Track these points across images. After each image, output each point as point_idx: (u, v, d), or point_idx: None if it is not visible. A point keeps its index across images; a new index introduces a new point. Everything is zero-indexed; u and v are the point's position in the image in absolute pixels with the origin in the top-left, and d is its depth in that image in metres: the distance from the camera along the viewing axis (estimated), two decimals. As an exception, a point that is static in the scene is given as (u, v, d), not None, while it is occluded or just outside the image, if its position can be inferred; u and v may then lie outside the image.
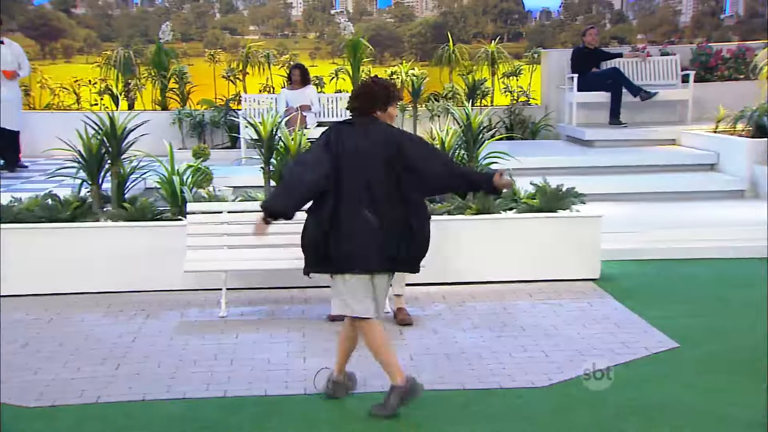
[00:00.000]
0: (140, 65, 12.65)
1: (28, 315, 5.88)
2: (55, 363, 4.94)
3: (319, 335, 5.45)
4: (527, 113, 12.55)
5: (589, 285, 6.58)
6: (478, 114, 7.17)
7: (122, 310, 5.99)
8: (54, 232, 6.36)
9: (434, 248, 6.29)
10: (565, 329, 5.55)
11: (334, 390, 4.40)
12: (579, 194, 6.89)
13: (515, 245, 6.67)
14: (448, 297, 6.33)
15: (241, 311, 5.99)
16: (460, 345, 5.25)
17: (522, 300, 6.24)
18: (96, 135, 6.63)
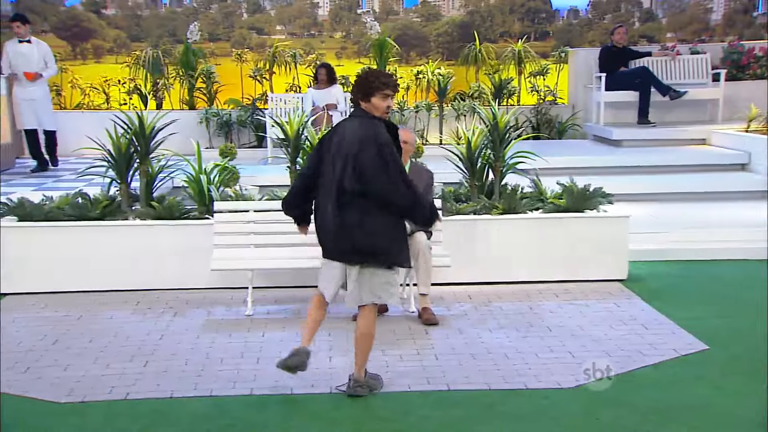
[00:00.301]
0: (168, 65, 12.77)
1: (57, 312, 5.96)
2: (85, 359, 5.01)
3: (344, 334, 5.46)
4: (554, 113, 12.48)
5: (616, 286, 6.53)
6: (504, 113, 7.14)
7: (150, 308, 6.06)
8: (83, 230, 6.44)
9: (460, 248, 6.36)
10: (592, 330, 5.51)
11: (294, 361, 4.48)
12: (606, 194, 6.85)
13: (542, 245, 6.63)
14: (473, 297, 6.31)
15: (267, 310, 6.02)
16: (485, 345, 5.23)
17: (548, 300, 6.20)
18: (125, 134, 6.70)
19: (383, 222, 4.25)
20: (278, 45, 12.87)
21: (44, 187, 8.75)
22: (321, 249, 4.50)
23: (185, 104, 12.52)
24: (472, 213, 6.68)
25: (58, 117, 12.17)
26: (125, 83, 12.81)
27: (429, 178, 5.95)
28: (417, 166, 6.00)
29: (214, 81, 12.39)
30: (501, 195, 6.93)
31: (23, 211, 6.46)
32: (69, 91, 13.00)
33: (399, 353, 5.08)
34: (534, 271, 6.63)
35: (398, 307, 6.04)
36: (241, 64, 13.06)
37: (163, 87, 12.49)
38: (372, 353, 5.01)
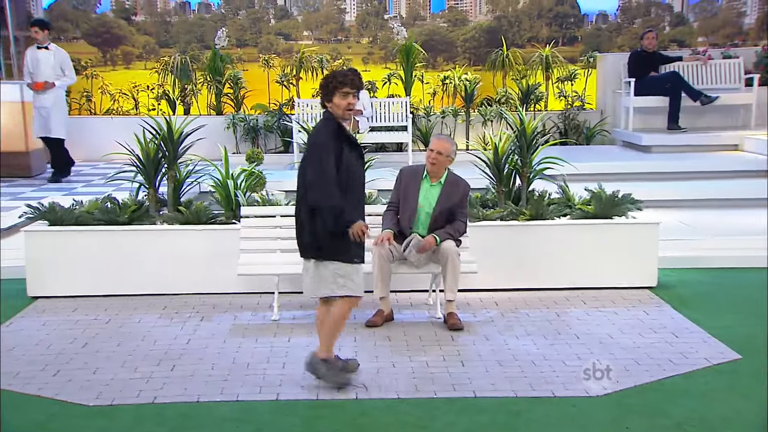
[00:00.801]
0: (196, 71, 12.90)
1: (87, 315, 6.04)
2: (114, 363, 5.06)
3: (370, 339, 5.46)
4: (582, 118, 12.41)
5: (646, 293, 6.47)
6: (531, 119, 7.11)
7: (177, 312, 6.11)
8: (112, 234, 6.52)
9: (486, 254, 6.34)
10: (621, 338, 5.46)
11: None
12: (636, 201, 6.79)
13: (569, 252, 6.59)
14: (500, 303, 6.29)
15: (293, 315, 6.04)
16: (512, 352, 5.21)
17: (576, 307, 6.16)
18: (153, 139, 6.77)
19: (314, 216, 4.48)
20: (305, 50, 12.96)
21: (74, 192, 8.88)
22: None
23: (213, 110, 12.64)
24: (498, 219, 6.66)
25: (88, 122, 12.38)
26: (154, 89, 12.97)
27: (465, 189, 5.91)
28: (454, 177, 5.92)
29: (242, 86, 12.50)
30: (528, 201, 6.90)
31: (54, 215, 6.55)
32: (99, 96, 13.20)
33: (425, 359, 5.07)
34: (562, 278, 6.59)
35: (424, 313, 6.05)
36: (268, 70, 13.16)
37: (190, 92, 12.62)
38: (398, 359, 5.04)
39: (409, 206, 5.84)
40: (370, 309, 5.99)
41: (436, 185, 5.85)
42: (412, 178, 5.89)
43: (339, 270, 4.52)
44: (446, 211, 5.81)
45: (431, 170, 5.83)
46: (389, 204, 6.00)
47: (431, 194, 5.83)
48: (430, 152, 5.81)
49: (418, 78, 12.61)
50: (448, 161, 5.83)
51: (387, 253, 5.69)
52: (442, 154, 5.76)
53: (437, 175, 5.85)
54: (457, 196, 5.83)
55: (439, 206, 5.79)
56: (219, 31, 13.20)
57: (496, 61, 13.00)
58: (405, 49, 12.34)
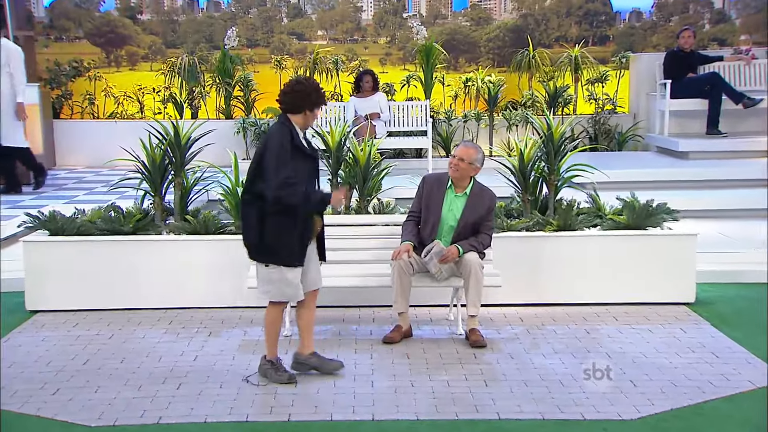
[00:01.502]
0: (205, 72, 13.00)
1: (89, 331, 6.09)
2: (117, 381, 5.10)
3: (387, 357, 5.47)
4: (613, 122, 12.37)
5: (683, 309, 6.43)
6: (559, 123, 7.10)
7: (184, 327, 6.15)
8: (116, 244, 6.57)
9: (511, 267, 6.33)
10: (656, 357, 5.42)
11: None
12: (671, 210, 6.76)
13: (600, 265, 6.56)
14: (526, 319, 6.27)
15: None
16: (538, 371, 5.19)
17: (607, 324, 6.13)
18: (159, 145, 6.82)
19: (256, 219, 4.86)
20: (319, 51, 13.03)
21: (76, 200, 8.97)
22: None
23: (222, 113, 12.73)
24: (524, 230, 6.65)
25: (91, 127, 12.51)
26: (160, 91, 13.08)
27: (491, 200, 5.90)
28: (479, 187, 5.92)
29: (252, 89, 12.57)
30: (556, 211, 6.89)
31: (54, 225, 6.61)
32: (102, 99, 13.33)
33: (446, 378, 5.07)
34: (591, 292, 6.56)
35: (445, 329, 6.05)
36: (280, 71, 13.24)
37: (199, 95, 12.72)
38: (417, 378, 5.04)
39: (431, 217, 5.85)
40: (387, 324, 6.01)
41: (461, 196, 5.85)
42: (436, 187, 5.89)
43: (271, 275, 4.94)
44: (471, 224, 5.80)
45: (454, 178, 5.83)
46: (410, 213, 6.01)
47: (455, 206, 5.83)
48: (452, 158, 5.83)
49: (438, 80, 12.62)
50: (473, 170, 5.82)
51: (406, 265, 5.70)
52: (464, 161, 5.76)
53: (462, 185, 5.85)
54: (482, 208, 5.82)
55: (463, 219, 5.79)
56: (229, 30, 13.28)
57: (521, 62, 12.99)
58: (425, 50, 12.37)
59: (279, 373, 5.05)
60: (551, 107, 12.13)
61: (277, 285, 4.95)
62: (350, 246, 6.28)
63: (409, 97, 12.54)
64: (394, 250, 5.73)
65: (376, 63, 14.16)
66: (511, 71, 13.27)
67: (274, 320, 5.11)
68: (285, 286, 4.95)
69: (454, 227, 5.81)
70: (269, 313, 5.10)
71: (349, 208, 7.00)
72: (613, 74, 13.14)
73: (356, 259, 6.22)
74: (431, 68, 12.34)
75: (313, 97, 4.98)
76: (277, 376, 5.04)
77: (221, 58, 12.62)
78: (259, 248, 4.92)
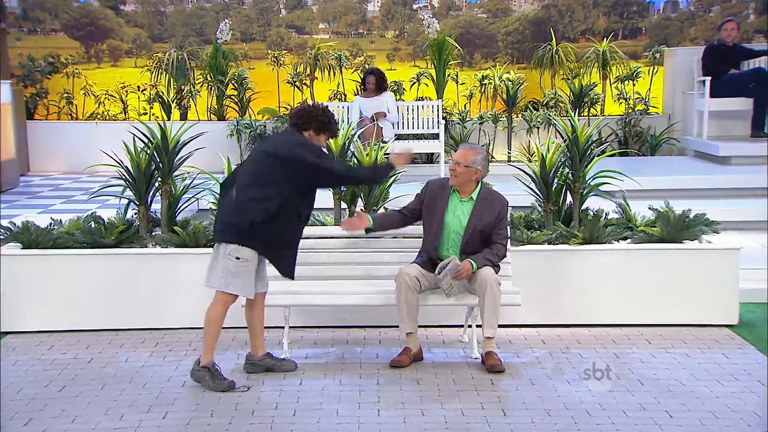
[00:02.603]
0: (195, 69, 13.05)
1: (65, 354, 6.11)
2: (96, 409, 5.11)
3: (395, 383, 5.48)
4: (646, 124, 12.37)
5: (725, 332, 6.43)
6: (585, 125, 7.12)
7: (171, 350, 6.17)
8: (96, 258, 6.60)
9: (532, 283, 6.34)
10: (695, 385, 5.42)
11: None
12: (711, 222, 6.76)
13: (631, 282, 6.57)
14: (548, 341, 6.27)
15: (306, 353, 6.08)
16: (562, 399, 5.19)
17: (639, 348, 6.13)
18: (145, 149, 6.86)
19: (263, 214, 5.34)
20: (321, 46, 13.07)
21: (52, 209, 9.01)
22: None
23: (214, 114, 12.78)
24: (546, 243, 6.66)
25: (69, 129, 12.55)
26: (145, 90, 13.14)
27: (502, 206, 5.92)
28: (487, 192, 5.96)
29: (247, 87, 12.63)
30: (581, 222, 6.89)
31: (28, 237, 6.63)
32: (81, 99, 13.39)
33: (459, 407, 5.08)
34: (621, 312, 6.56)
35: (459, 352, 6.05)
36: (278, 68, 13.28)
37: (188, 94, 12.77)
38: (428, 406, 5.06)
39: (434, 224, 5.87)
40: (395, 347, 6.02)
41: (466, 201, 5.88)
42: (440, 192, 5.93)
43: (237, 266, 5.34)
44: (479, 232, 5.83)
45: (453, 183, 5.87)
46: (402, 208, 6.07)
47: (461, 211, 5.86)
48: (451, 163, 5.89)
49: (452, 78, 12.66)
50: (473, 173, 5.85)
51: (413, 281, 5.72)
52: (460, 164, 5.80)
53: (465, 190, 5.88)
54: (491, 215, 5.84)
55: (471, 226, 5.81)
56: (221, 23, 13.32)
57: (543, 57, 13.02)
58: (437, 45, 12.40)
59: (217, 380, 5.34)
60: (576, 108, 12.14)
61: (242, 279, 5.35)
62: (354, 260, 6.30)
63: (419, 96, 12.56)
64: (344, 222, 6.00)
65: (383, 59, 14.21)
66: (531, 68, 13.30)
67: (219, 318, 5.44)
68: (247, 281, 5.37)
69: (461, 235, 5.83)
70: (216, 309, 5.44)
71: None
72: (645, 71, 13.14)
73: (361, 274, 6.23)
74: (444, 65, 12.37)
75: (320, 119, 5.50)
76: (215, 384, 5.32)
77: (213, 53, 12.67)
78: (251, 230, 5.26)
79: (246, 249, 5.33)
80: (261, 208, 5.25)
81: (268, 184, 5.28)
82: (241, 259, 5.32)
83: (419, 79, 12.72)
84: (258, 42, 14.55)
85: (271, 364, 5.66)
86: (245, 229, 5.29)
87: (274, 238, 5.35)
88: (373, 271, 6.25)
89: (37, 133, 12.74)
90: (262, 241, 5.33)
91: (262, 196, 5.26)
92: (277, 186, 5.27)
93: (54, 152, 12.69)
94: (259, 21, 14.65)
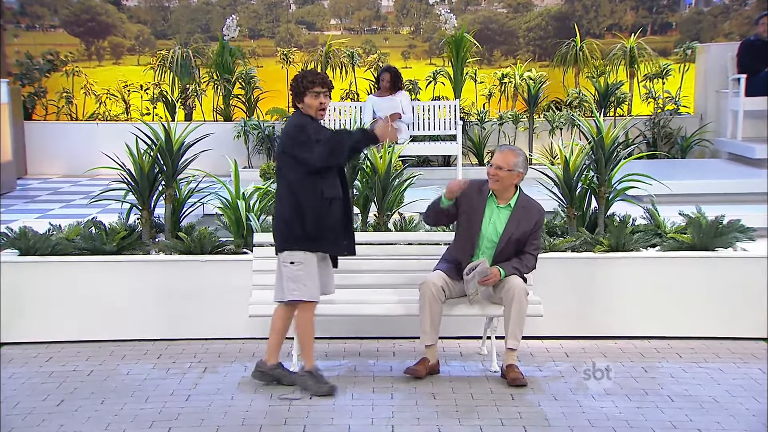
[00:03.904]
0: (200, 67, 13.09)
1: (64, 366, 6.14)
2: (96, 425, 5.13)
3: (411, 397, 5.48)
4: (676, 125, 12.33)
5: (761, 345, 6.41)
6: (611, 126, 7.12)
7: (175, 362, 6.19)
8: (97, 266, 6.64)
9: (555, 293, 6.33)
10: (729, 402, 5.40)
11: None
12: (746, 228, 6.73)
13: (660, 292, 6.55)
14: (572, 354, 6.26)
15: (317, 366, 6.07)
16: (587, 416, 5.18)
17: (669, 361, 6.12)
18: (148, 151, 6.89)
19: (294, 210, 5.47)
20: (332, 43, 13.10)
21: (51, 214, 9.06)
22: None
23: (220, 115, 12.81)
24: (569, 250, 6.65)
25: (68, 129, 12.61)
26: (149, 89, 13.19)
27: (539, 215, 5.92)
28: (526, 199, 5.94)
29: (255, 87, 12.65)
30: (607, 228, 6.88)
31: (26, 243, 6.66)
32: (82, 98, 13.46)
33: (478, 423, 5.08)
34: (650, 324, 6.55)
35: (477, 365, 6.05)
36: (287, 66, 13.31)
37: (193, 94, 12.81)
38: (446, 421, 5.07)
39: (471, 230, 5.86)
40: (410, 359, 6.03)
41: (504, 208, 5.87)
42: (476, 195, 5.90)
43: (294, 272, 5.49)
44: (515, 241, 5.82)
45: (494, 189, 5.86)
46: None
47: (498, 219, 5.85)
48: (490, 168, 5.86)
49: (470, 76, 12.67)
50: (515, 176, 5.84)
51: (438, 291, 5.72)
52: (502, 169, 5.78)
53: (505, 196, 5.88)
54: (528, 223, 5.83)
55: (506, 234, 5.80)
56: (228, 19, 13.35)
57: (567, 54, 13.00)
58: (454, 41, 12.41)
59: (320, 383, 5.53)
60: (602, 108, 12.11)
61: (304, 283, 5.45)
62: (367, 268, 6.30)
63: (435, 96, 12.58)
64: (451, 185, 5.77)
65: (397, 57, 14.23)
66: (554, 66, 13.29)
67: (310, 321, 5.58)
68: (310, 285, 5.47)
69: (496, 243, 5.82)
70: (306, 314, 5.56)
71: (366, 224, 7.04)
72: (675, 68, 13.10)
73: (375, 283, 6.24)
74: (461, 63, 12.38)
75: (308, 78, 5.50)
76: (319, 387, 5.50)
77: (219, 50, 12.71)
78: (291, 230, 5.45)
79: (296, 252, 5.46)
80: (285, 206, 5.46)
81: (281, 180, 5.53)
82: (296, 263, 5.44)
83: (435, 77, 12.74)
84: (266, 39, 14.59)
85: (281, 375, 5.70)
86: (285, 231, 5.48)
87: (312, 228, 5.43)
88: (388, 279, 6.26)
89: (35, 134, 12.80)
90: (306, 237, 5.44)
91: (283, 194, 5.50)
92: (287, 179, 5.47)
93: (53, 154, 12.75)
94: (268, 17, 14.70)
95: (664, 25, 14.72)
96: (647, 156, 10.72)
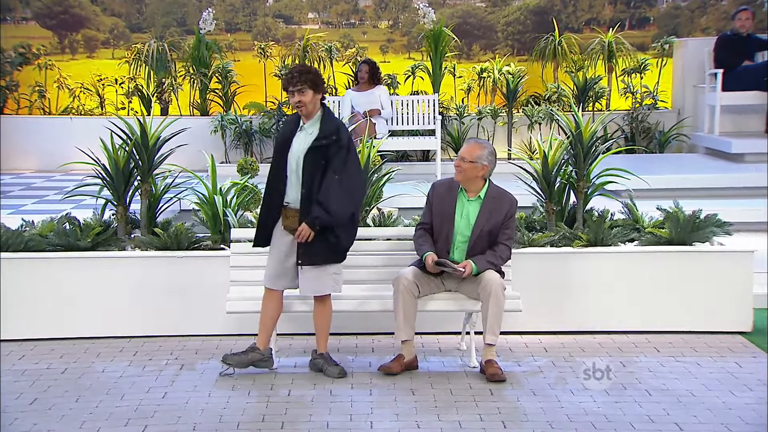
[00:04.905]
0: (176, 61, 13.02)
1: (37, 364, 6.10)
2: (71, 423, 5.10)
3: (389, 393, 5.49)
4: (654, 120, 12.39)
5: (737, 339, 6.45)
6: (590, 121, 7.14)
7: (151, 359, 6.17)
8: (71, 262, 6.59)
9: (534, 288, 6.36)
10: (706, 396, 5.44)
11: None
12: (723, 223, 6.78)
13: (638, 287, 6.59)
14: (550, 349, 6.29)
15: (295, 362, 6.08)
16: (566, 410, 5.21)
17: (647, 356, 6.16)
18: (123, 145, 6.86)
19: None
20: (310, 37, 13.06)
21: (23, 209, 8.99)
22: None
23: (196, 109, 12.75)
24: (548, 245, 6.68)
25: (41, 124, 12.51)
26: (123, 83, 13.10)
27: (511, 205, 5.94)
28: (496, 190, 5.97)
29: (232, 81, 12.61)
30: (585, 223, 6.91)
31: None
32: (55, 92, 13.35)
33: (457, 419, 5.09)
34: (628, 318, 6.59)
35: (456, 360, 6.06)
36: (264, 61, 13.26)
37: (169, 88, 12.74)
38: (424, 417, 5.07)
39: (445, 227, 5.89)
40: (389, 355, 6.03)
41: (474, 201, 5.90)
42: (447, 193, 5.94)
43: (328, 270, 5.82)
44: (487, 233, 5.84)
45: (459, 181, 5.89)
46: (419, 224, 6.04)
47: (469, 212, 5.88)
48: (455, 159, 5.91)
49: (448, 71, 12.67)
50: (479, 169, 5.86)
51: (411, 286, 5.73)
52: (465, 160, 5.82)
53: (472, 188, 5.90)
54: (500, 214, 5.86)
55: (477, 227, 5.83)
56: (204, 12, 13.29)
57: (545, 49, 13.02)
58: (433, 36, 12.42)
59: (331, 366, 5.81)
60: (580, 102, 12.16)
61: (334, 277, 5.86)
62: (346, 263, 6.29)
63: (414, 90, 12.58)
64: (426, 264, 5.82)
65: (376, 51, 14.21)
66: (533, 60, 13.30)
67: (328, 309, 5.92)
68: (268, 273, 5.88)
69: (468, 237, 5.84)
70: (330, 305, 5.90)
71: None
72: (653, 63, 13.14)
73: (353, 278, 6.23)
74: (440, 57, 12.38)
75: (284, 79, 5.81)
76: (331, 369, 5.78)
77: (195, 44, 12.65)
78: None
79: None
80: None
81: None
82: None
83: (414, 72, 12.73)
84: (243, 32, 14.54)
85: (257, 358, 5.85)
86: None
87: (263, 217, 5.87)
88: (367, 275, 6.27)
89: (7, 129, 12.67)
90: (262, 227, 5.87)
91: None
92: None
93: (25, 149, 12.62)
94: (245, 10, 14.65)
95: (642, 20, 14.79)
96: (625, 151, 10.79)
